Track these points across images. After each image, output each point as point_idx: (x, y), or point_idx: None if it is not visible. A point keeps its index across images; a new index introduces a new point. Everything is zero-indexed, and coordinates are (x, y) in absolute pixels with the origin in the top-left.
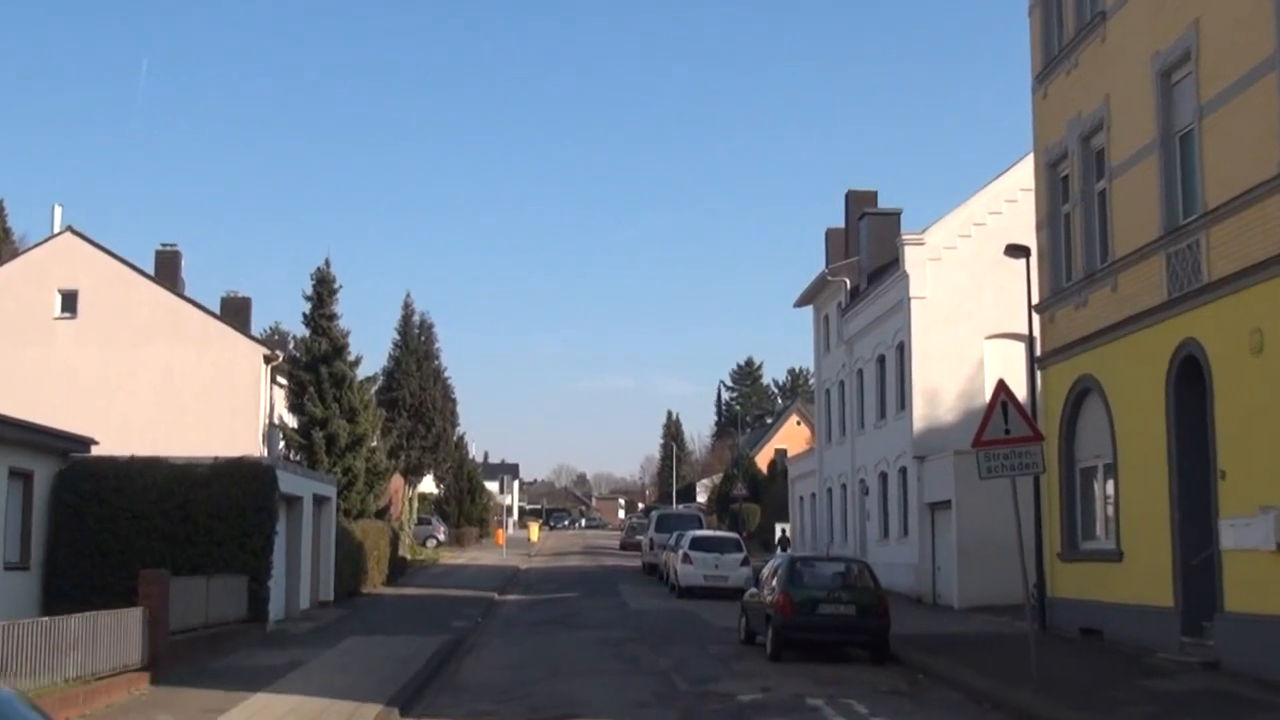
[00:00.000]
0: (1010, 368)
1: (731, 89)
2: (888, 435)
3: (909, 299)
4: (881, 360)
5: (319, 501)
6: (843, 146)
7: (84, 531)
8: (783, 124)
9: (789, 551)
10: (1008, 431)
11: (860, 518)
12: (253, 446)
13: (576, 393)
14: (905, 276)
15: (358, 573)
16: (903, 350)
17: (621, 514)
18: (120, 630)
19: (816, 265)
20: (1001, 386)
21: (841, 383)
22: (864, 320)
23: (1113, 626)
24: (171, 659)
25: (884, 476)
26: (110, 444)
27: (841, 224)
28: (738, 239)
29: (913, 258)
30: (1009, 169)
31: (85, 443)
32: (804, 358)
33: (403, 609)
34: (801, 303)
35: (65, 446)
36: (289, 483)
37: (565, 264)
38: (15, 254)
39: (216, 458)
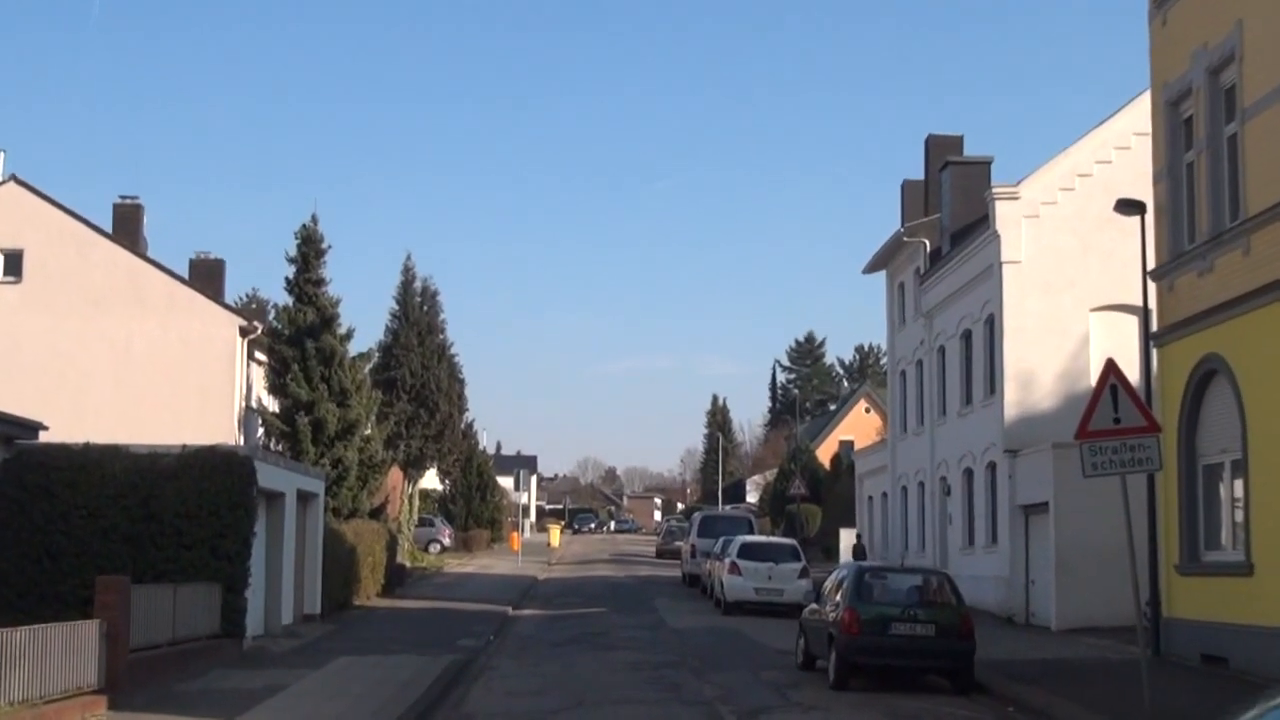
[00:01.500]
0: (1121, 345)
1: (780, 19)
2: (974, 425)
3: (1000, 263)
4: (967, 336)
5: (304, 498)
6: (920, 84)
7: (30, 531)
8: (846, 59)
9: (858, 562)
10: (1117, 421)
11: (940, 522)
12: (227, 433)
13: (605, 375)
14: (996, 237)
15: (349, 582)
16: (992, 324)
17: (658, 516)
18: (73, 646)
19: (890, 224)
20: (1110, 367)
21: (919, 362)
22: (946, 289)
23: (1240, 653)
24: (132, 680)
25: (969, 474)
26: (61, 430)
27: (920, 176)
28: (793, 194)
29: (1005, 215)
30: (1120, 110)
31: (32, 428)
32: (874, 333)
33: (401, 624)
34: (872, 268)
35: (8, 432)
36: (269, 476)
37: (590, 227)
38: None
39: (184, 446)
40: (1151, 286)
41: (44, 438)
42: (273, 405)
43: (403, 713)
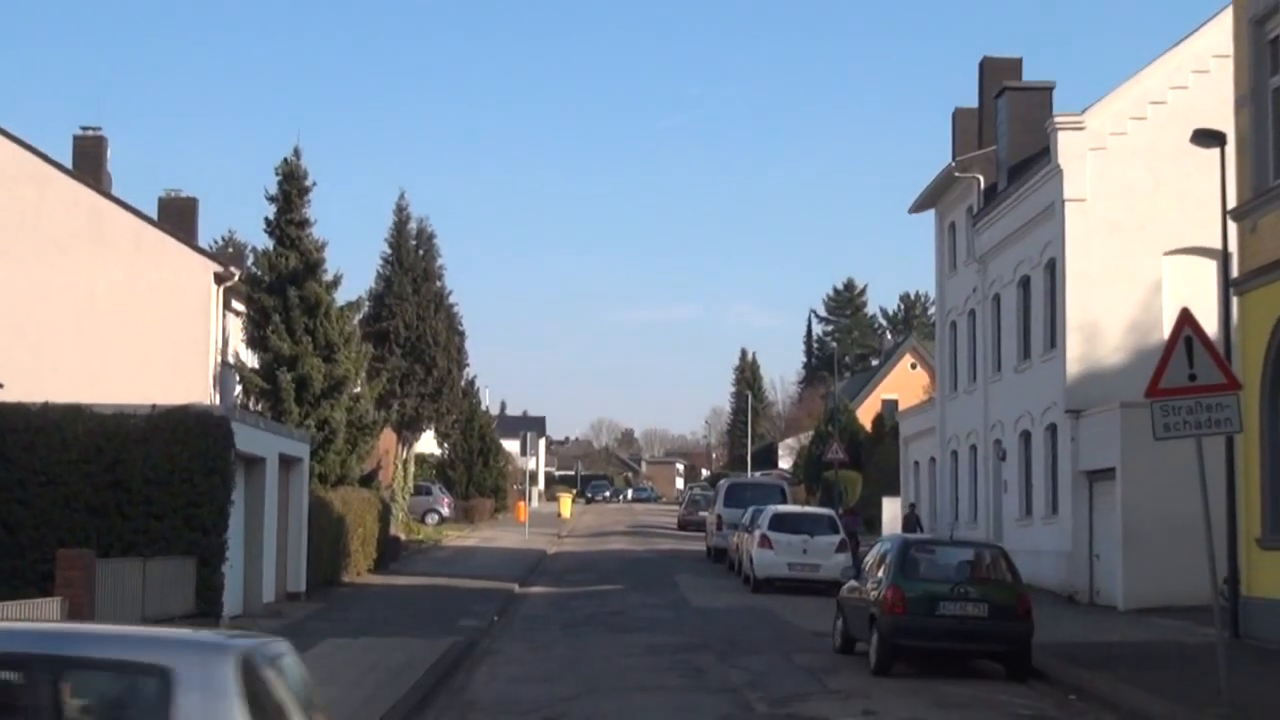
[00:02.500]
0: (1198, 293)
1: None
2: (1032, 382)
3: (1063, 201)
4: (1025, 283)
5: (287, 463)
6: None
7: None
8: None
9: (904, 534)
10: (1193, 377)
11: (995, 490)
12: (201, 391)
13: (621, 326)
14: (1058, 172)
15: (337, 556)
16: (1053, 269)
17: (680, 483)
18: None
19: (940, 158)
20: (1185, 318)
21: (971, 312)
22: (1002, 230)
23: None
24: None
25: (1026, 436)
26: (16, 388)
27: (973, 103)
28: (832, 124)
29: (1068, 147)
30: (1199, 29)
31: None
32: (922, 279)
33: (396, 603)
34: (920, 207)
35: None
36: (248, 439)
37: (605, 162)
38: None
39: (154, 406)
40: (1232, 227)
41: None
42: (252, 360)
43: (397, 701)
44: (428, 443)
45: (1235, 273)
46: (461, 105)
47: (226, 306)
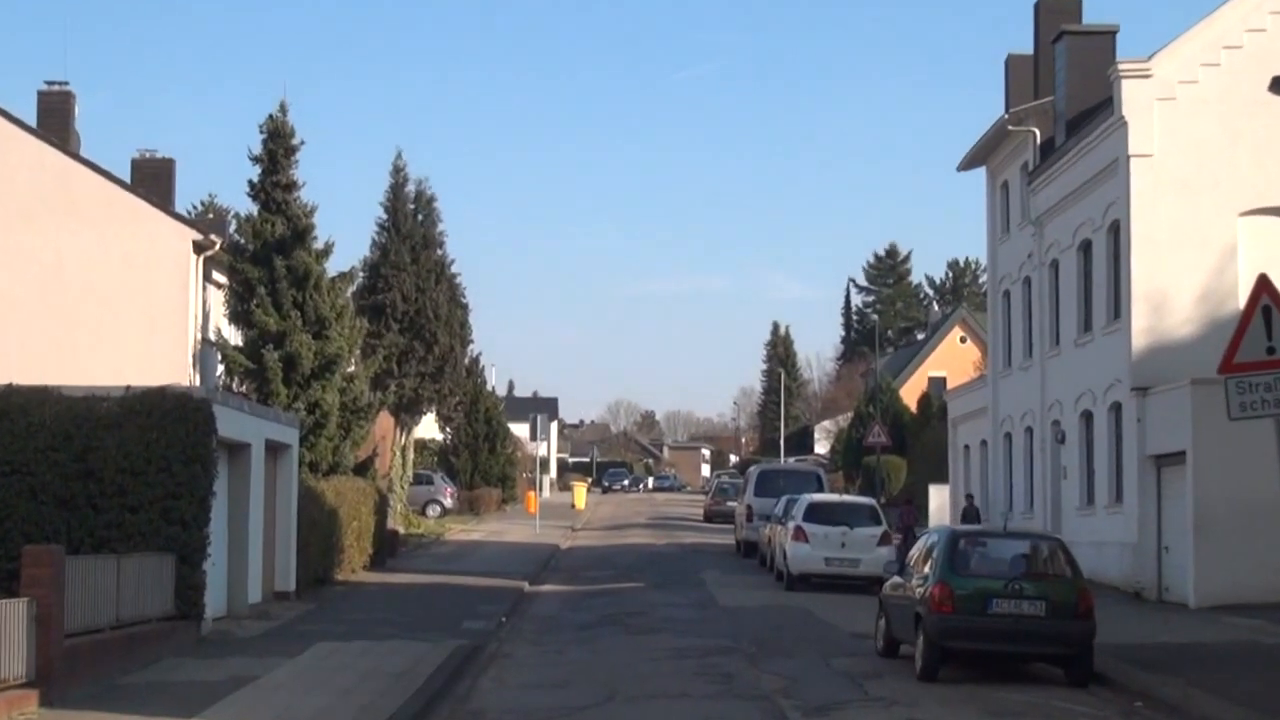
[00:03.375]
0: (1277, 258)
1: None
2: (1094, 357)
3: (1127, 157)
4: (1086, 247)
5: (274, 450)
6: None
7: None
8: None
9: (953, 526)
10: (1271, 350)
11: (1053, 476)
12: (179, 372)
13: (641, 299)
14: (1122, 125)
15: (330, 552)
16: (1117, 232)
17: (706, 470)
18: None
19: (992, 110)
20: (1263, 284)
21: (1026, 280)
22: (1061, 189)
23: None
24: (69, 671)
25: (1087, 417)
26: None
27: (1028, 49)
28: (872, 72)
29: (1134, 97)
30: None
31: None
32: (971, 244)
33: (394, 603)
34: (969, 165)
35: None
36: (231, 423)
37: (622, 120)
38: None
39: (129, 388)
40: None
41: None
42: (235, 337)
43: (396, 710)
44: (428, 427)
45: None
46: (464, 58)
47: (207, 278)
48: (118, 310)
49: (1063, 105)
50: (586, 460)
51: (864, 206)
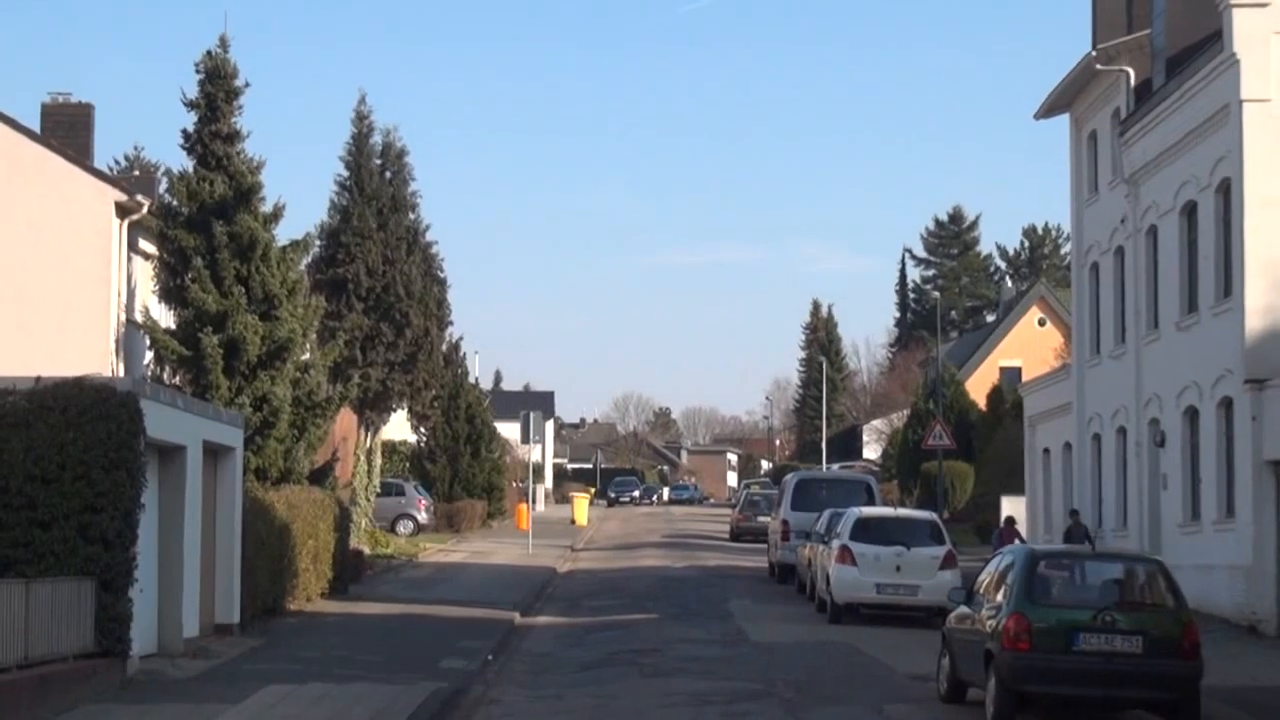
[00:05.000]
0: None
1: None
2: (1201, 342)
3: (1240, 102)
4: (1190, 210)
5: (214, 454)
6: None
7: None
8: None
9: (1028, 545)
10: None
11: (1150, 486)
12: (99, 359)
13: (651, 274)
14: (1234, 63)
15: (281, 577)
16: (1229, 192)
17: (732, 479)
18: None
19: (1076, 47)
20: None
21: (1118, 250)
22: (1160, 140)
23: None
24: None
25: (1192, 414)
26: None
27: None
28: (931, 5)
29: (1248, 29)
30: None
31: None
32: (1052, 208)
33: (358, 638)
34: (1049, 111)
35: None
36: (162, 422)
37: (630, 61)
38: None
39: (39, 378)
40: None
41: None
42: (166, 318)
43: None
44: (399, 427)
45: None
46: None
47: (132, 247)
48: (24, 286)
49: (1162, 40)
50: (589, 467)
51: (922, 162)
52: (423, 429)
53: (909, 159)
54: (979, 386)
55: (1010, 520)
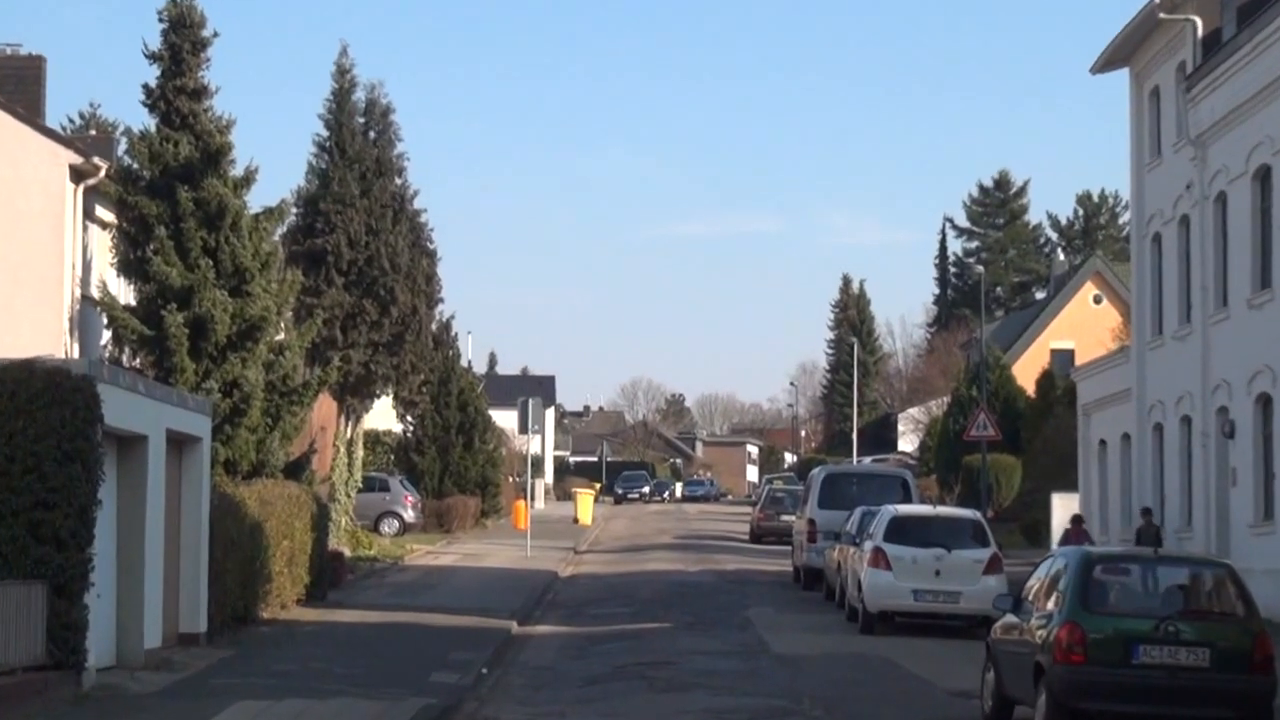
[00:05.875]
0: None
1: None
2: (1275, 321)
3: None
4: (1264, 175)
5: (178, 445)
6: None
7: None
8: None
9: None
10: None
11: (1219, 481)
12: (51, 339)
13: (662, 247)
14: None
15: (253, 581)
16: None
17: (753, 474)
18: None
19: None
20: None
21: (1184, 219)
22: (1229, 97)
23: None
24: None
25: (1265, 401)
26: None
27: None
28: None
29: None
30: None
31: None
32: (1109, 173)
33: (339, 649)
34: (1107, 65)
35: None
36: (122, 409)
37: (636, 11)
38: None
39: None
40: None
41: None
42: (126, 294)
43: None
44: (383, 415)
45: None
46: None
47: (88, 215)
48: None
49: None
50: (594, 460)
51: (964, 120)
52: (410, 417)
53: (949, 117)
54: (1027, 371)
55: (1078, 519)
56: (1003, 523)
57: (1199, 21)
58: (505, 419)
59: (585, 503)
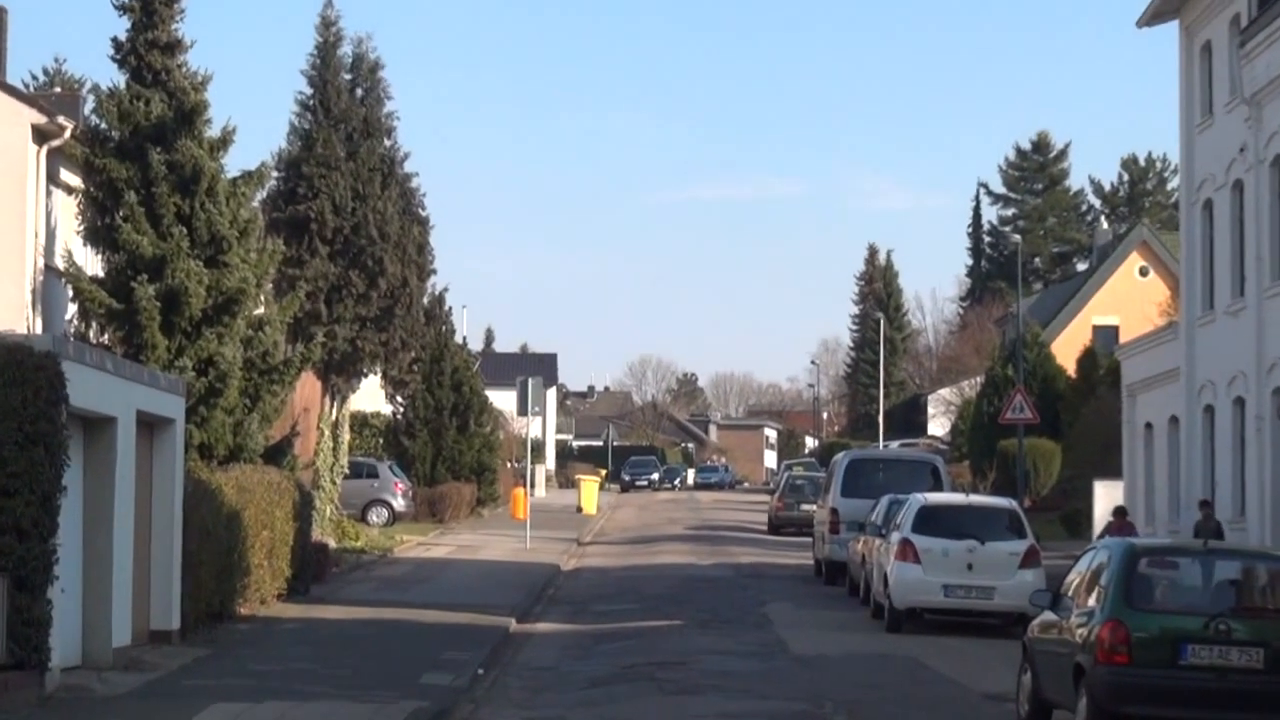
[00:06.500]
0: None
1: None
2: None
3: None
4: None
5: (149, 427)
6: None
7: None
8: None
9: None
10: None
11: (1274, 468)
12: (14, 314)
13: (672, 214)
14: None
15: (230, 574)
16: None
17: (771, 460)
18: None
19: None
20: None
21: (1237, 184)
22: None
23: None
24: None
25: None
26: None
27: None
28: None
29: None
30: None
31: None
32: (1157, 135)
33: (322, 648)
34: (1154, 18)
35: None
36: (89, 388)
37: None
38: None
39: None
40: None
41: None
42: (93, 264)
43: None
44: (371, 395)
45: None
46: None
47: (52, 179)
48: None
49: None
50: (599, 444)
51: (1000, 78)
52: (399, 398)
53: (984, 75)
54: (1067, 349)
55: (1121, 511)
56: (1040, 512)
57: None
58: (503, 400)
59: (589, 490)
